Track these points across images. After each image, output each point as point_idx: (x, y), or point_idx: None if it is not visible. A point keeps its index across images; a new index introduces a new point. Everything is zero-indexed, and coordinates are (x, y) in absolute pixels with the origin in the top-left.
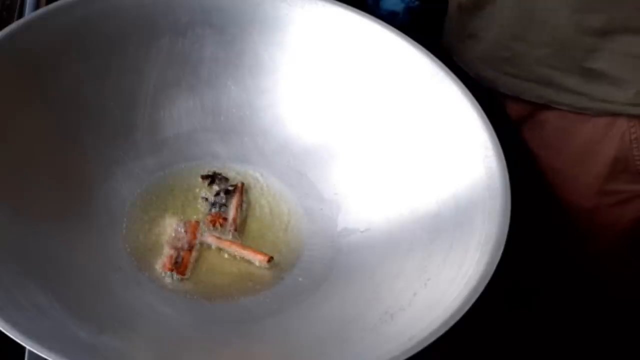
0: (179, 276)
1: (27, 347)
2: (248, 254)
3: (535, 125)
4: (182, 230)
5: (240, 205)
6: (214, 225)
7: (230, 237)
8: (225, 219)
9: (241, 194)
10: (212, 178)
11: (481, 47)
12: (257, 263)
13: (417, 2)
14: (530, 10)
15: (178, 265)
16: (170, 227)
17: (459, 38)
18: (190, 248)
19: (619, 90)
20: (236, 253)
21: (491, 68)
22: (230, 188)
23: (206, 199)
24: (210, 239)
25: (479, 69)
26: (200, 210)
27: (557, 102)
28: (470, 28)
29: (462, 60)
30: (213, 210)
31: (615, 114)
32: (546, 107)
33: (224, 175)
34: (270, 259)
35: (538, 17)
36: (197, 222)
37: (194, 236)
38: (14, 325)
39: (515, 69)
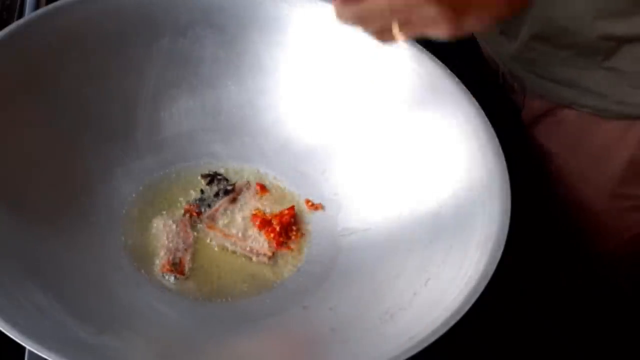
0: (179, 276)
1: (27, 347)
2: (250, 250)
3: (554, 123)
4: (181, 230)
5: (230, 203)
6: (189, 215)
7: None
8: (199, 213)
9: (238, 193)
10: (212, 178)
11: (512, 46)
12: (257, 259)
13: None
14: (552, 16)
15: (177, 266)
16: (170, 227)
17: (492, 33)
18: (189, 248)
19: (637, 92)
20: (238, 249)
21: (521, 67)
22: (229, 188)
23: (202, 192)
24: (212, 232)
25: (511, 66)
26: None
27: (580, 104)
28: (501, 26)
29: (497, 56)
30: (197, 202)
31: (633, 117)
32: (568, 105)
33: (224, 175)
34: (272, 256)
35: (560, 23)
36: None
37: (192, 235)
38: (14, 325)
39: (541, 69)
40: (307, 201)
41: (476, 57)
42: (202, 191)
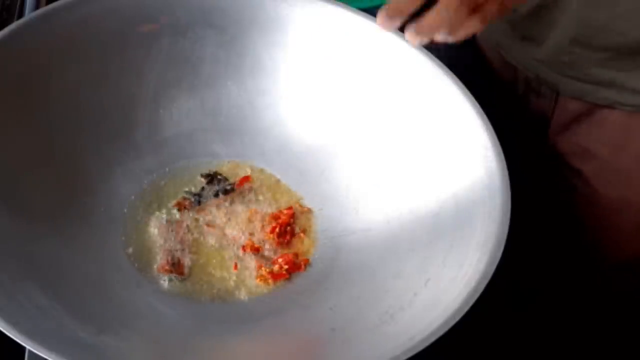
0: (178, 276)
1: (27, 347)
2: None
3: (594, 123)
4: (180, 230)
5: (229, 202)
6: (178, 209)
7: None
8: (187, 208)
9: (238, 193)
10: (212, 177)
11: (540, 50)
12: (256, 259)
13: None
14: (596, 17)
15: (176, 266)
16: (169, 227)
17: (512, 38)
18: (188, 248)
19: None
20: (237, 249)
21: (552, 70)
22: (228, 187)
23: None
24: (211, 232)
25: (539, 70)
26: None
27: (621, 104)
28: (524, 30)
29: (519, 61)
30: (192, 198)
31: None
32: (608, 105)
33: (224, 175)
34: (271, 256)
35: (604, 23)
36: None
37: (191, 235)
38: (14, 325)
39: (576, 72)
40: (295, 202)
41: (483, 66)
42: (203, 188)
